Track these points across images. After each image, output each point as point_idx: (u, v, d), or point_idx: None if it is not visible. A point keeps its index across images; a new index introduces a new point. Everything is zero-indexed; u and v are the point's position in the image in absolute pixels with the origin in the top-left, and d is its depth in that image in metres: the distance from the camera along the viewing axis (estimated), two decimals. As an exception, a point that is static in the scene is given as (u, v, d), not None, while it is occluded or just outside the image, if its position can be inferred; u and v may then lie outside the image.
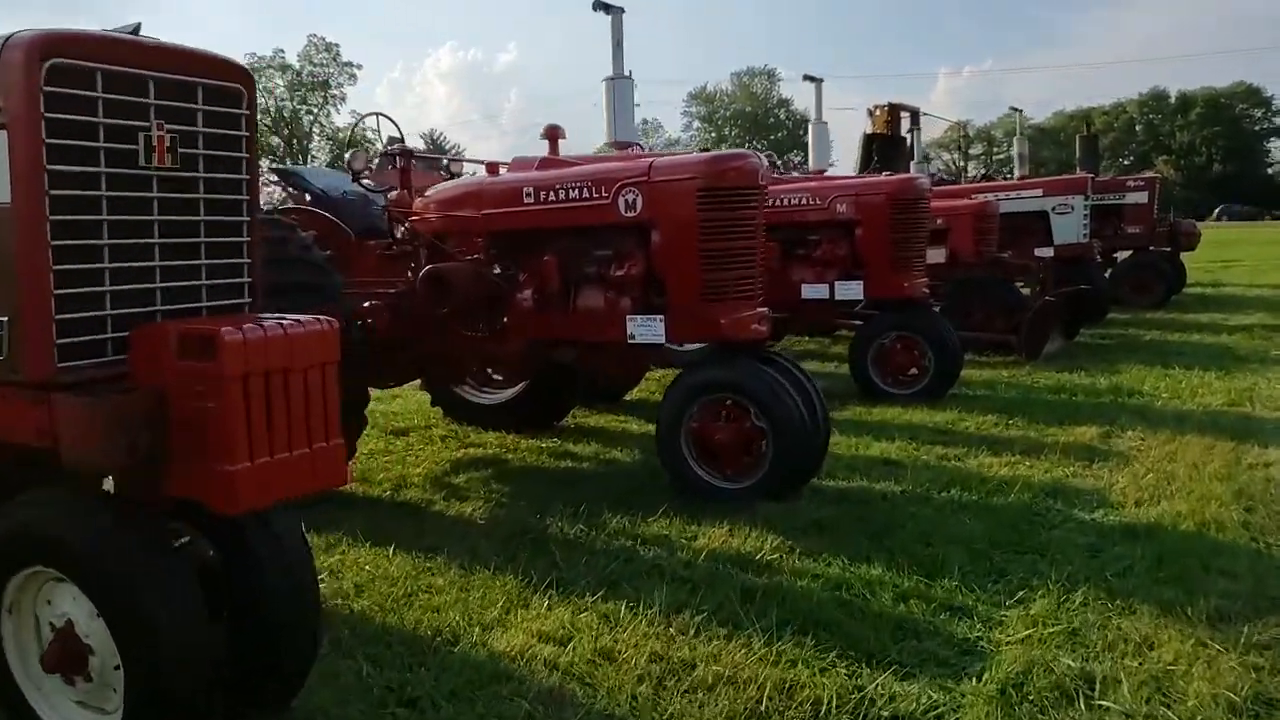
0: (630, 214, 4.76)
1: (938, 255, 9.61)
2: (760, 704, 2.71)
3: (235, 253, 2.60)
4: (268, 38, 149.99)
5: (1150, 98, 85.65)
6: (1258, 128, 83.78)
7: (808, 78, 9.26)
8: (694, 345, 5.43)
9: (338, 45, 73.84)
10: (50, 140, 2.12)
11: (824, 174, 8.69)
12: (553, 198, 4.98)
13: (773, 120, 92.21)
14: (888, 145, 14.52)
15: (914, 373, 7.25)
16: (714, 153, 4.70)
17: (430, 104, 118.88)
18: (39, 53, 2.10)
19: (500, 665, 2.99)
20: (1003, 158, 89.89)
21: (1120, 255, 14.65)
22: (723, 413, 4.63)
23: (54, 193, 2.14)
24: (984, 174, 18.11)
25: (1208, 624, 3.12)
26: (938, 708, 2.68)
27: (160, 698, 2.18)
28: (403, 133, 6.18)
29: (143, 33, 2.39)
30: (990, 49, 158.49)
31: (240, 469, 2.16)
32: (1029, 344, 8.79)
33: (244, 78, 2.53)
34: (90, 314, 2.25)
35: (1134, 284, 13.99)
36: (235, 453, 2.15)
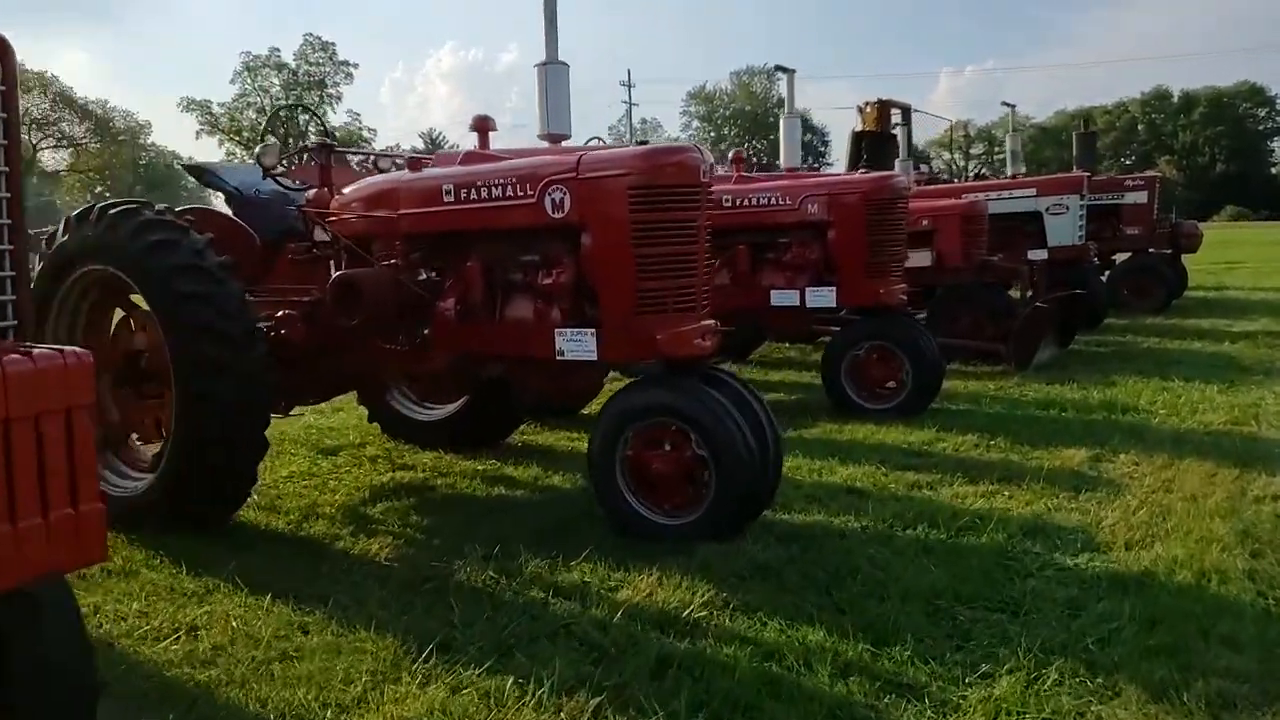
0: (558, 215, 4.22)
1: (923, 258, 9.10)
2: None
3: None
4: (271, 38, 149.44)
5: (1153, 97, 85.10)
6: (1262, 127, 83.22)
7: (779, 68, 8.61)
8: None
9: (334, 44, 73.34)
10: None
11: (797, 172, 8.10)
12: (474, 196, 4.45)
13: (772, 119, 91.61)
14: (877, 143, 13.91)
15: (891, 386, 6.72)
16: (650, 146, 4.17)
17: (432, 103, 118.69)
18: None
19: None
20: (1004, 157, 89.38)
21: (1119, 257, 14.10)
22: (661, 440, 4.10)
23: None
24: (978, 173, 17.62)
25: (1207, 712, 2.58)
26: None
27: None
28: (327, 125, 5.64)
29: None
30: (992, 48, 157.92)
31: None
32: (1018, 353, 8.25)
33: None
34: None
35: (1133, 288, 13.45)
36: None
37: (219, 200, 5.74)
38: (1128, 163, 76.56)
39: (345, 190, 5.07)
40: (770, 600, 3.38)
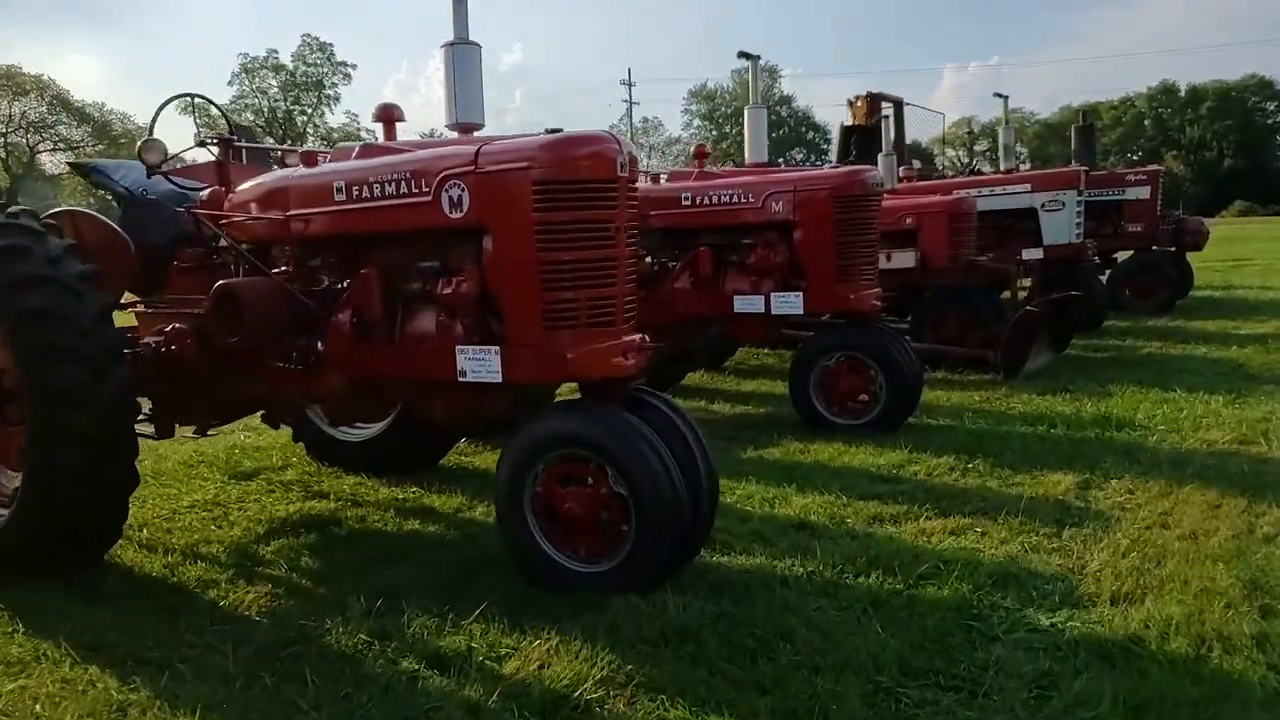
0: (456, 215, 3.66)
1: (906, 259, 8.54)
2: None
3: None
4: (273, 39, 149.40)
5: (1159, 91, 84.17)
6: (1270, 121, 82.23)
7: (743, 54, 8.02)
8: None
9: (331, 45, 73.14)
10: None
11: (764, 168, 7.54)
12: (367, 195, 3.89)
13: (774, 117, 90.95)
14: (867, 138, 13.35)
15: (864, 399, 6.15)
16: (558, 134, 3.62)
17: (435, 105, 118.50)
18: None
19: None
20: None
21: (1120, 256, 13.48)
22: (575, 475, 3.54)
23: None
24: (972, 168, 17.00)
25: None
26: None
27: None
28: (228, 116, 5.10)
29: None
30: (998, 45, 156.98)
31: None
32: (1007, 361, 7.66)
33: None
34: None
35: (1135, 288, 12.85)
36: None
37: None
38: (1135, 158, 75.71)
39: (237, 189, 4.53)
40: (681, 676, 2.82)
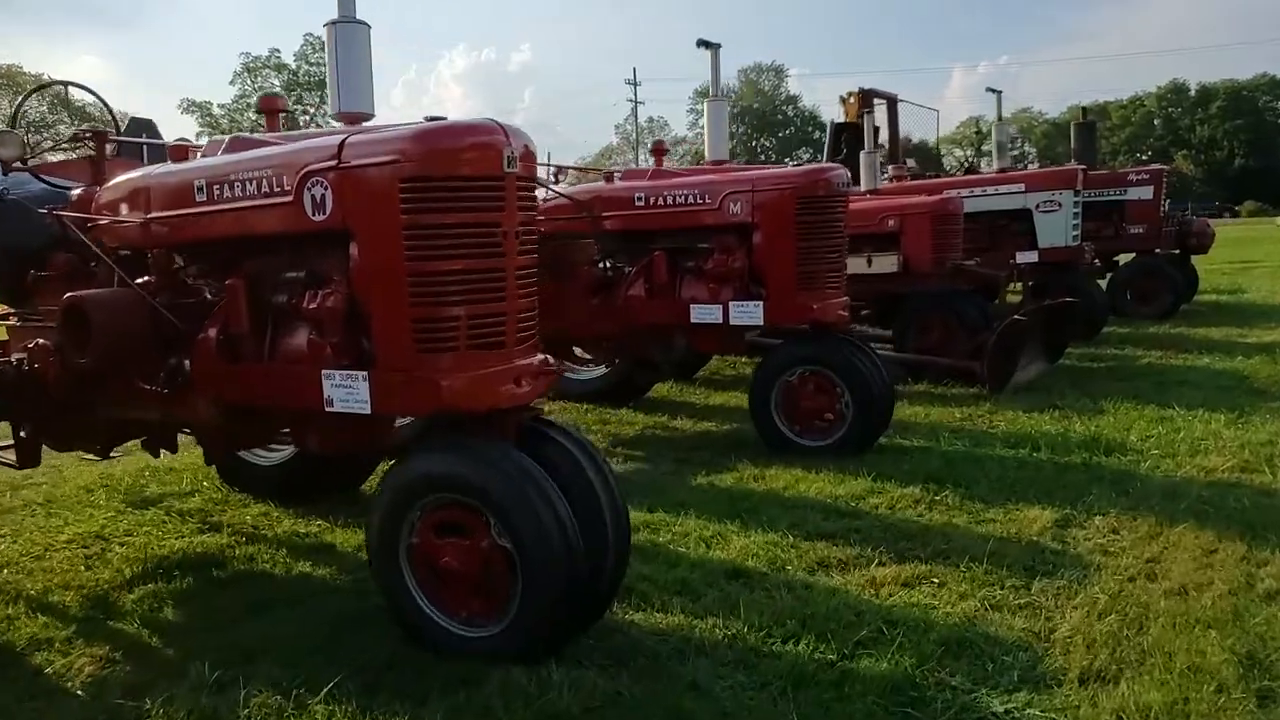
0: (320, 217, 3.14)
1: (888, 263, 8.02)
2: None
3: None
4: (278, 39, 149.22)
5: (1169, 91, 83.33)
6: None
7: (702, 43, 7.53)
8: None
9: (334, 43, 72.66)
10: None
11: (723, 166, 7.01)
12: (228, 194, 3.37)
13: (780, 117, 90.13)
14: (858, 136, 12.79)
15: (829, 418, 5.61)
16: (431, 123, 3.11)
17: (446, 104, 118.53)
18: None
19: None
20: (1016, 154, 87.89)
21: (1122, 259, 12.90)
22: (455, 524, 3.02)
23: None
24: (969, 167, 16.43)
25: None
26: None
27: None
28: (111, 108, 4.59)
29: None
30: (1007, 45, 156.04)
31: None
32: (992, 374, 7.11)
33: None
34: None
35: (1137, 292, 12.26)
36: None
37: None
38: (1144, 158, 74.78)
39: (104, 188, 4.02)
40: (543, 784, 2.30)
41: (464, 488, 2.95)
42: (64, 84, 4.41)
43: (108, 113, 4.68)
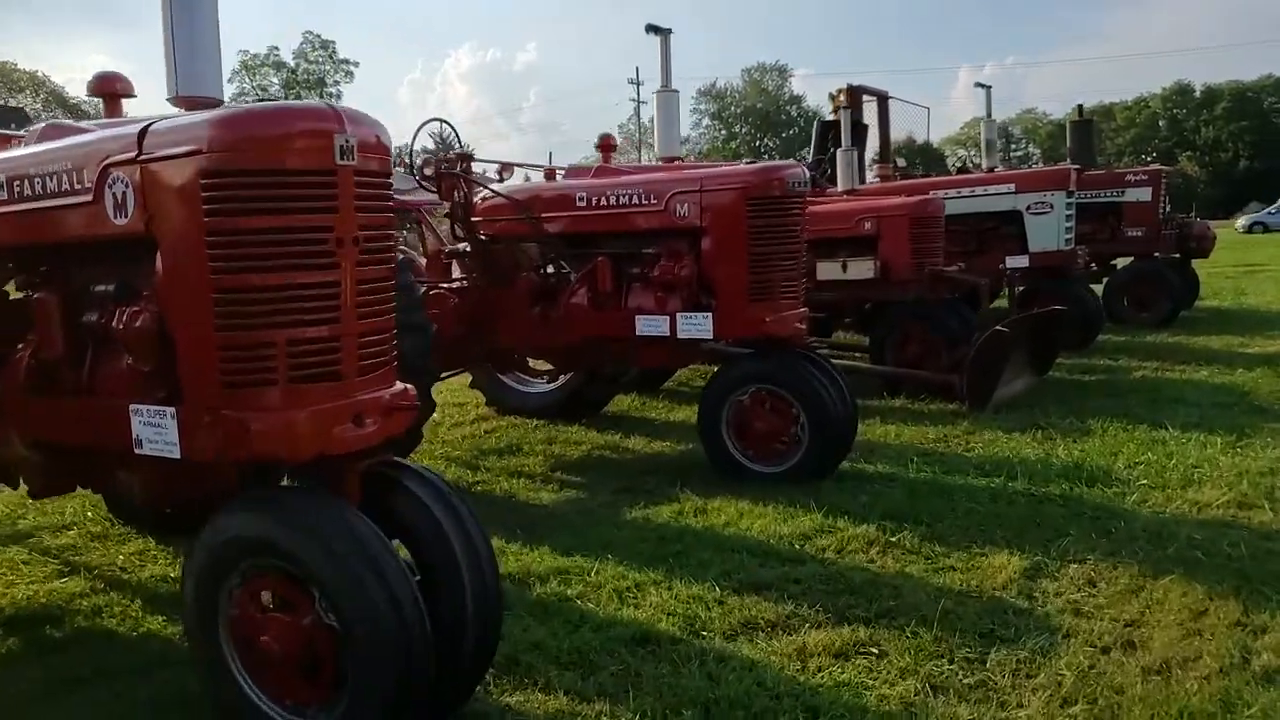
0: (122, 220, 2.60)
1: (865, 269, 7.46)
2: None
3: None
4: (284, 39, 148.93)
5: (1174, 92, 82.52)
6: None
7: (651, 28, 6.98)
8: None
9: (334, 42, 72.48)
10: None
11: (672, 164, 6.47)
12: (29, 192, 2.83)
13: (784, 117, 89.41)
14: (838, 133, 12.23)
15: (785, 442, 5.06)
16: (245, 106, 2.57)
17: (451, 104, 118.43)
18: None
19: None
20: (1020, 155, 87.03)
21: (1120, 263, 12.32)
22: (279, 595, 2.48)
23: None
24: (960, 167, 15.92)
25: None
26: None
27: None
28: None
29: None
30: (1014, 45, 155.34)
31: None
32: (972, 390, 6.55)
33: None
34: None
35: (1134, 298, 11.70)
36: None
37: None
38: (1149, 159, 74.04)
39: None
40: None
41: (277, 553, 2.41)
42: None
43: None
